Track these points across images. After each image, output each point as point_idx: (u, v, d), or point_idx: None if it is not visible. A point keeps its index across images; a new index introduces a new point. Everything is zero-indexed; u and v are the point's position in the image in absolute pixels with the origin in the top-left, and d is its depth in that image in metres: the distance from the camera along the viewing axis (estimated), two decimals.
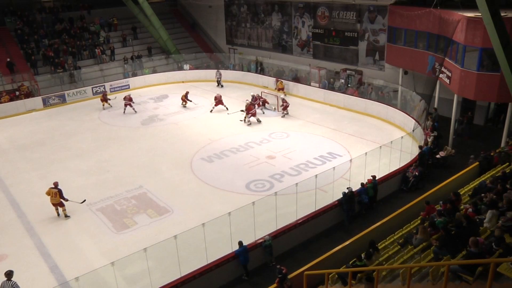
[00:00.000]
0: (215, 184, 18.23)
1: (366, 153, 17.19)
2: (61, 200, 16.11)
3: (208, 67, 36.77)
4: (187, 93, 28.96)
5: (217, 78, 31.96)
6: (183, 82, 34.78)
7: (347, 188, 15.64)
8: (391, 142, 18.59)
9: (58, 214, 16.25)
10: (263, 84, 32.24)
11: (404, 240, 12.41)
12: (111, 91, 32.10)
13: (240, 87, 31.86)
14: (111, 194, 17.68)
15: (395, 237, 13.03)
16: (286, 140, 22.65)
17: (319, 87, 29.11)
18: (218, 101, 27.05)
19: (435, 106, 22.65)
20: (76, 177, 19.34)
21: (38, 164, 20.90)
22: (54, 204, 16.13)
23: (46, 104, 29.21)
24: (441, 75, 21.34)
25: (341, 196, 15.38)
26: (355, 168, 17.98)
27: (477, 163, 17.28)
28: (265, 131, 23.99)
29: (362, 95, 27.04)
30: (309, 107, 28.07)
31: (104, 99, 28.73)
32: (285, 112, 26.22)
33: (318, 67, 30.52)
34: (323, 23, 31.08)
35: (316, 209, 15.10)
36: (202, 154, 21.22)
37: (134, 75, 34.48)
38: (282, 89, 29.86)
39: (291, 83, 30.65)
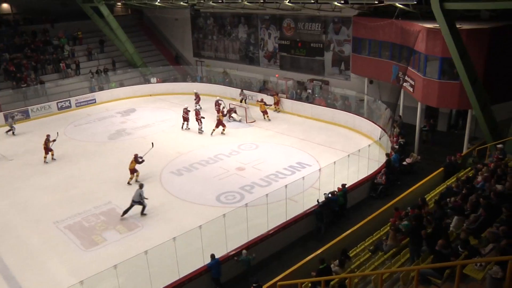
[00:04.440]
0: (185, 198, 18.03)
1: (335, 162, 17.36)
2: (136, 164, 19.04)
3: (175, 79, 36.60)
4: (230, 110, 27.60)
5: (242, 97, 30.94)
6: (150, 95, 34.47)
7: (324, 194, 15.80)
8: (359, 150, 18.84)
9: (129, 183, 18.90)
10: (231, 96, 32.37)
11: (375, 247, 12.57)
12: (76, 106, 31.53)
13: (207, 99, 31.81)
14: (79, 211, 17.25)
15: (366, 244, 13.18)
16: (255, 151, 22.70)
17: (286, 98, 29.38)
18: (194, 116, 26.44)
19: (400, 113, 23.20)
20: (42, 194, 18.78)
21: (1, 181, 20.24)
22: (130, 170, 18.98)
23: (8, 120, 28.33)
24: (405, 84, 21.84)
25: (317, 203, 15.47)
26: (324, 177, 18.12)
27: (442, 168, 17.76)
28: (234, 142, 23.99)
29: (329, 104, 27.45)
30: (277, 117, 28.32)
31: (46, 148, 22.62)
32: (277, 107, 28.55)
33: (285, 77, 30.80)
34: (289, 34, 31.48)
35: (287, 219, 15.13)
36: (171, 167, 21.00)
37: (101, 89, 33.92)
38: (276, 103, 29.30)
39: (259, 95, 30.70)
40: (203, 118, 25.82)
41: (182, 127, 26.38)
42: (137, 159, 19.44)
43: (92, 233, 15.75)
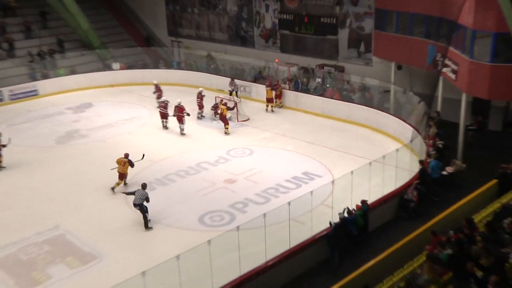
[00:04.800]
0: (159, 219, 17.95)
1: (352, 171, 17.26)
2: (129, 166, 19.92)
3: (145, 65, 36.74)
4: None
5: (232, 89, 31.39)
6: (112, 86, 34.52)
7: (339, 214, 15.71)
8: (384, 156, 18.78)
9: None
10: (217, 87, 32.47)
11: (406, 283, 12.45)
12: (11, 99, 31.42)
13: (187, 92, 31.80)
14: (13, 240, 16.95)
15: (394, 280, 13.05)
16: (249, 159, 22.76)
17: (289, 89, 29.57)
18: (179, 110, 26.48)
19: (438, 109, 23.25)
20: None
21: None
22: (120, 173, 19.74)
23: None
24: (444, 69, 21.87)
25: (330, 225, 15.38)
26: (339, 191, 18.04)
27: (495, 180, 17.71)
28: (222, 147, 24.04)
29: (345, 97, 27.59)
30: (277, 115, 28.47)
31: None
32: (279, 101, 29.09)
33: (287, 63, 30.92)
34: (292, 6, 31.58)
35: (291, 246, 15.04)
36: (141, 180, 20.76)
37: (45, 77, 33.71)
38: (279, 96, 29.60)
39: (253, 85, 31.14)
40: (188, 115, 25.97)
41: (163, 126, 26.77)
42: (131, 162, 20.03)
43: (32, 269, 15.46)
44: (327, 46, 30.40)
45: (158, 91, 29.89)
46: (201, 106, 28.06)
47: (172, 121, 26.35)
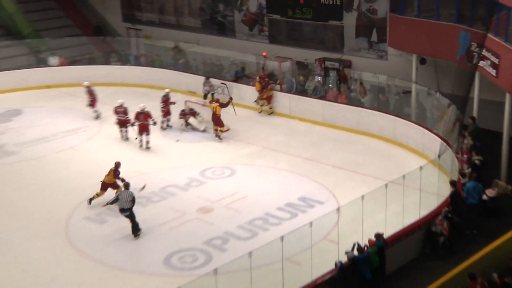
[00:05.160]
0: (110, 262, 17.78)
1: (363, 196, 17.19)
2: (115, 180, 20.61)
3: (92, 60, 36.74)
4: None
5: (207, 90, 31.60)
6: (49, 87, 34.40)
7: (346, 252, 15.68)
8: (404, 176, 18.73)
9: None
10: (187, 88, 32.59)
11: None
12: None
13: (147, 94, 31.81)
14: None
15: None
16: (230, 181, 22.77)
17: (280, 91, 29.80)
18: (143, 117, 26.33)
19: (474, 114, 23.34)
20: None
21: None
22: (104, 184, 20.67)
23: None
24: (481, 63, 21.87)
25: (335, 266, 15.29)
26: (346, 222, 18.08)
27: None
28: (195, 166, 24.00)
29: (352, 100, 27.78)
30: (266, 123, 28.76)
31: None
32: (267, 106, 29.53)
33: (278, 57, 31.09)
34: None
35: None
36: (87, 209, 20.76)
37: None
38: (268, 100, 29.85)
39: (234, 86, 31.17)
40: (155, 123, 26.12)
41: (122, 136, 26.91)
42: (117, 171, 20.73)
43: None
44: (329, 34, 30.51)
45: (91, 95, 29.47)
46: (167, 113, 28.03)
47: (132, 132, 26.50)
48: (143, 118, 25.57)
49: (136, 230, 18.67)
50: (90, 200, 20.69)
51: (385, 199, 17.92)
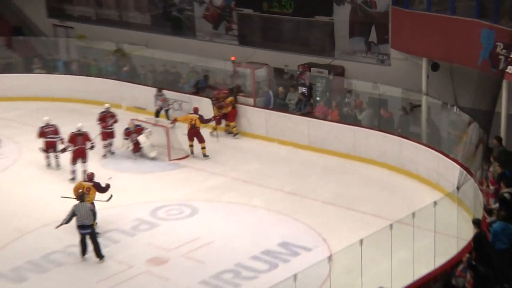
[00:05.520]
0: None
1: (361, 240, 17.21)
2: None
3: (8, 67, 36.81)
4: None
5: (159, 106, 31.68)
6: None
7: None
8: (414, 214, 18.78)
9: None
10: (134, 103, 32.70)
11: None
12: None
13: (81, 111, 31.87)
14: None
15: None
16: (190, 222, 22.74)
17: (254, 106, 30.06)
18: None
19: (501, 134, 23.35)
20: None
21: None
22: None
23: None
24: (509, 68, 21.98)
25: None
26: (340, 274, 18.02)
27: None
28: (144, 204, 23.99)
29: (346, 117, 27.93)
30: (236, 148, 29.04)
31: None
32: (232, 125, 29.78)
33: (250, 63, 31.21)
34: None
35: None
36: (3, 263, 20.50)
37: None
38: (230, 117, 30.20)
39: (194, 99, 31.18)
40: (92, 147, 26.12)
41: (48, 164, 26.86)
42: (100, 186, 21.86)
43: None
44: (316, 34, 30.69)
45: None
46: (108, 135, 27.98)
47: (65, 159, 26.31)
48: (81, 142, 25.53)
49: (100, 251, 19.43)
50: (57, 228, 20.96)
51: (390, 244, 17.93)
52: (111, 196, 21.94)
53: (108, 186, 22.03)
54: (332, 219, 22.24)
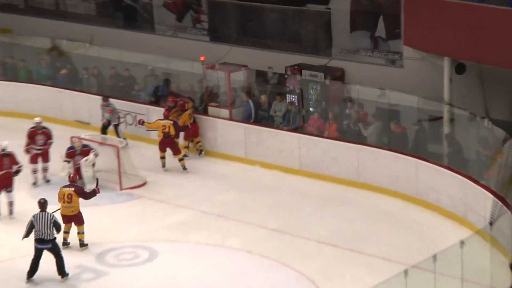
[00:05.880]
0: None
1: None
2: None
3: None
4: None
5: (106, 119, 31.51)
6: None
7: None
8: (435, 257, 18.88)
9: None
10: (74, 117, 32.77)
11: None
12: None
13: (5, 127, 31.90)
14: None
15: None
16: (148, 269, 22.61)
17: (229, 119, 30.13)
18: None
19: None
20: None
21: None
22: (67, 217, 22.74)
23: None
24: None
25: None
26: None
27: None
28: (89, 246, 23.85)
29: (347, 133, 27.89)
30: (208, 172, 28.94)
31: None
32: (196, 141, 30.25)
33: (224, 64, 31.36)
34: None
35: None
36: None
37: None
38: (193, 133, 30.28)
39: (152, 111, 31.36)
40: (17, 173, 25.87)
41: None
42: (84, 192, 23.41)
43: None
44: (309, 27, 30.71)
45: None
46: (36, 157, 27.88)
47: None
48: (8, 165, 25.45)
49: (63, 268, 20.48)
50: (66, 243, 22.82)
51: None
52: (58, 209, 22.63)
53: (95, 191, 23.26)
54: (331, 263, 22.09)
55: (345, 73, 29.84)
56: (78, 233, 23.35)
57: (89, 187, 26.61)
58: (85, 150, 27.58)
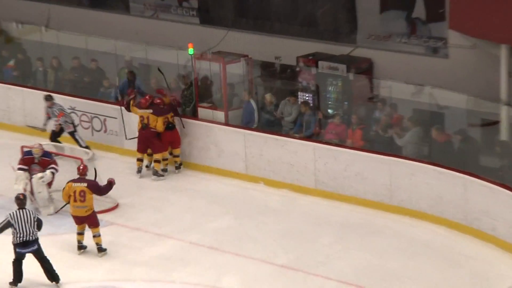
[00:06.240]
0: None
1: None
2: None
3: None
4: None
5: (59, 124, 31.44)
6: None
7: None
8: None
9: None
10: (28, 122, 32.74)
11: None
12: None
13: None
14: None
15: None
16: None
17: (225, 124, 30.08)
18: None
19: None
20: None
21: None
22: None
23: None
24: None
25: None
26: None
27: None
28: (43, 286, 23.57)
29: (376, 143, 27.80)
30: (197, 193, 28.92)
31: None
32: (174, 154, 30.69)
33: (218, 53, 31.35)
34: None
35: None
36: None
37: None
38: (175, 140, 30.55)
39: (126, 113, 31.23)
40: None
41: None
42: (97, 186, 24.70)
43: None
44: (327, 7, 30.69)
45: None
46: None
47: None
48: None
49: (54, 272, 21.89)
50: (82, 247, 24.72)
51: None
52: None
53: (111, 184, 24.62)
54: None
55: (373, 64, 29.79)
56: (94, 236, 24.32)
57: (44, 212, 27.30)
58: (45, 161, 27.59)
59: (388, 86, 28.63)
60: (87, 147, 30.08)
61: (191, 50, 30.67)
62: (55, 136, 30.59)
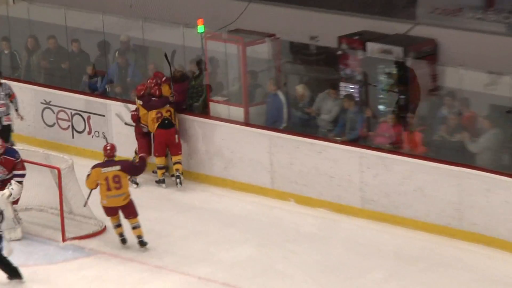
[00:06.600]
0: None
1: None
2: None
3: None
4: None
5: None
6: None
7: None
8: None
9: None
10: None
11: None
12: None
13: None
14: None
15: None
16: None
17: (245, 124, 30.04)
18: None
19: None
20: None
21: None
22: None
23: None
24: None
25: None
26: None
27: None
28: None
29: (440, 148, 27.49)
30: (208, 211, 28.89)
31: None
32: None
33: (234, 32, 31.32)
34: None
35: None
36: None
37: None
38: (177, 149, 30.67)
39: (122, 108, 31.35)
40: None
41: None
42: (131, 165, 26.55)
43: None
44: None
45: None
46: None
47: None
48: None
49: (12, 269, 23.27)
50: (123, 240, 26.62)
51: None
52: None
53: (143, 159, 26.91)
54: None
55: (438, 47, 29.49)
56: (134, 228, 25.81)
57: (9, 236, 26.70)
58: (9, 161, 27.41)
59: (457, 74, 28.33)
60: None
61: (201, 28, 30.59)
62: (5, 133, 30.56)
